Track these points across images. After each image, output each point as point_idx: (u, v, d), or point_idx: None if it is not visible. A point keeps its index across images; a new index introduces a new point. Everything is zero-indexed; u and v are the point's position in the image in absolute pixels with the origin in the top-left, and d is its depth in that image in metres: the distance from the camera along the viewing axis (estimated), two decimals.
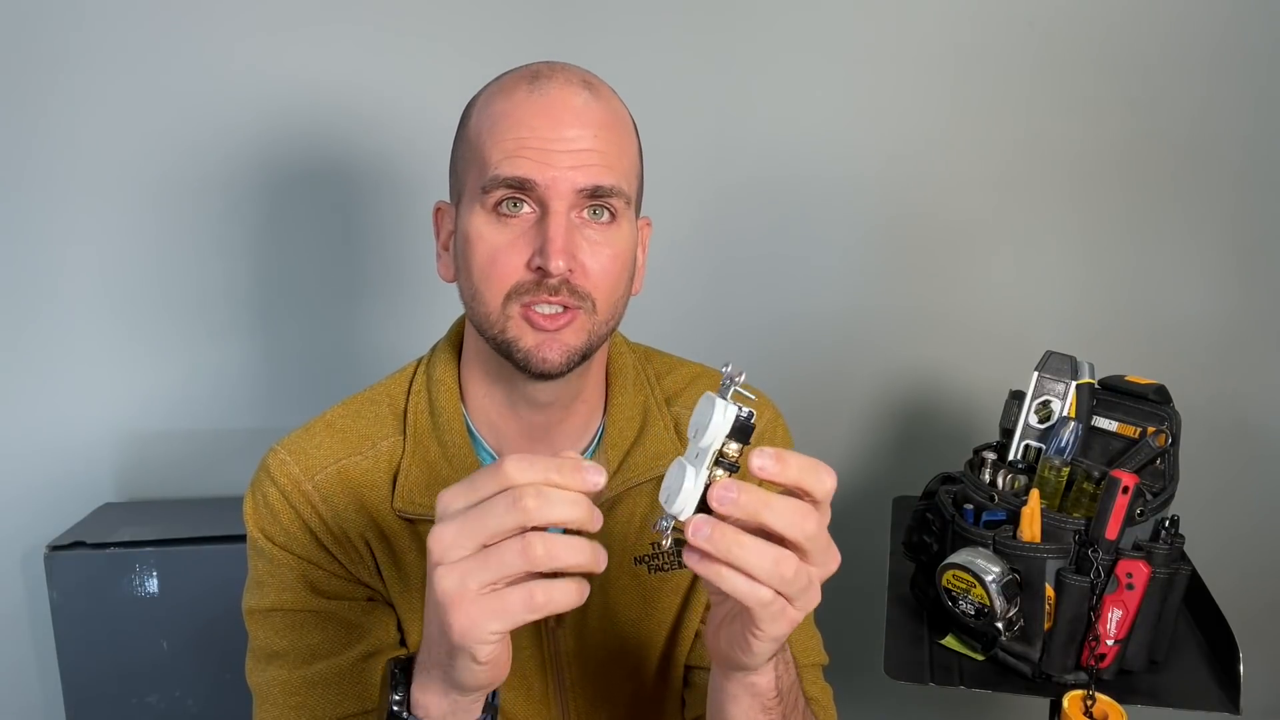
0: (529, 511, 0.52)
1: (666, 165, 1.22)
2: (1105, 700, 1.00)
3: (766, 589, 0.54)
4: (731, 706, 0.68)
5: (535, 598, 0.53)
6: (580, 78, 0.77)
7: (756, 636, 0.58)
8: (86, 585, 1.29)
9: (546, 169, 0.73)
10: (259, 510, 0.81)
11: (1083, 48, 1.50)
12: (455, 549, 0.53)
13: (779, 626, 0.57)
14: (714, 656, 0.66)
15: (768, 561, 0.53)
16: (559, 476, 0.53)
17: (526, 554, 0.52)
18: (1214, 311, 1.60)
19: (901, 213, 1.55)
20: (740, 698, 0.67)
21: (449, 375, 0.84)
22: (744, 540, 0.53)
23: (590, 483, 0.53)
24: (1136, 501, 1.01)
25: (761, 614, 0.56)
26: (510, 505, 0.52)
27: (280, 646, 0.79)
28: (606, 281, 0.76)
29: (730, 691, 0.67)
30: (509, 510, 0.52)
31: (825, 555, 0.56)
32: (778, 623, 0.56)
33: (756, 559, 0.53)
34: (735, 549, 0.53)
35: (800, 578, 0.54)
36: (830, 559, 0.57)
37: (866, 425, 1.62)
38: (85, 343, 1.43)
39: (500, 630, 0.54)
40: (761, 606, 0.55)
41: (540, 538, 0.52)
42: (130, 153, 1.39)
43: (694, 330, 1.50)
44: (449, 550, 0.53)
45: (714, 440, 0.54)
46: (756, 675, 0.65)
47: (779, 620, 0.56)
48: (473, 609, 0.53)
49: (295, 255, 1.45)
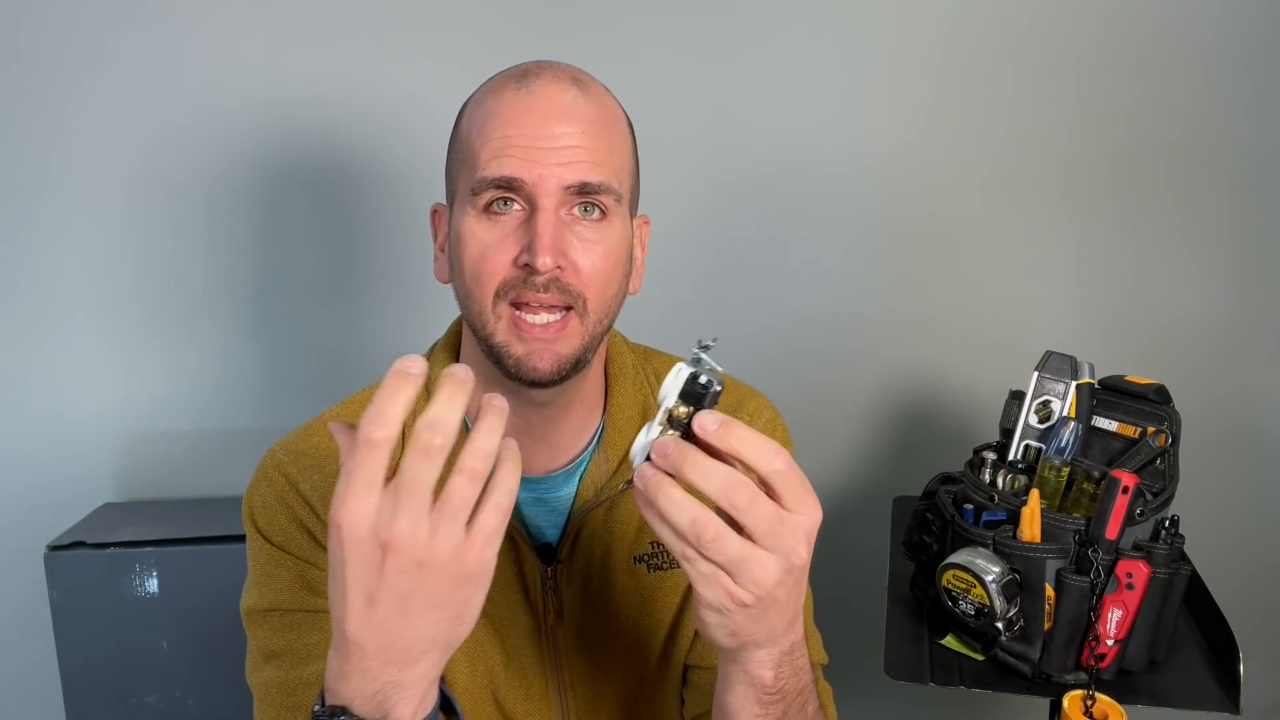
0: (432, 445, 0.51)
1: (665, 165, 1.22)
2: (1105, 700, 1.00)
3: (688, 546, 0.56)
4: (728, 694, 0.68)
5: (501, 502, 0.54)
6: (569, 75, 0.77)
7: (698, 601, 0.59)
8: (86, 585, 1.29)
9: (533, 166, 0.73)
10: (257, 511, 0.81)
11: (1083, 48, 1.50)
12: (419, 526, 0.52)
13: (713, 593, 0.58)
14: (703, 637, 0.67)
15: (685, 517, 0.55)
16: (398, 400, 0.52)
17: (470, 476, 0.52)
18: (1214, 311, 1.60)
19: (901, 213, 1.55)
20: (736, 686, 0.67)
21: None
22: (670, 491, 0.56)
23: (410, 374, 0.52)
24: (1136, 501, 1.01)
25: (690, 572, 0.58)
26: (420, 455, 0.51)
27: (278, 647, 0.79)
28: (598, 279, 0.76)
29: (726, 676, 0.68)
30: (421, 458, 0.51)
31: (778, 539, 0.57)
32: (710, 589, 0.58)
33: (675, 510, 0.56)
34: (660, 496, 0.56)
35: (726, 547, 0.56)
36: (786, 545, 0.57)
37: (866, 425, 1.62)
38: (85, 343, 1.43)
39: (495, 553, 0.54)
40: (687, 562, 0.57)
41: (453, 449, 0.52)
42: (129, 152, 1.39)
43: (693, 330, 1.49)
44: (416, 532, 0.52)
45: (665, 399, 0.58)
46: (755, 666, 0.65)
47: (711, 586, 0.58)
48: (470, 552, 0.53)
49: (295, 255, 1.45)
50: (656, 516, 0.57)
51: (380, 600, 0.53)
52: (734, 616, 0.59)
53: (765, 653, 0.65)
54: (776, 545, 0.57)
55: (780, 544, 0.57)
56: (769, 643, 0.64)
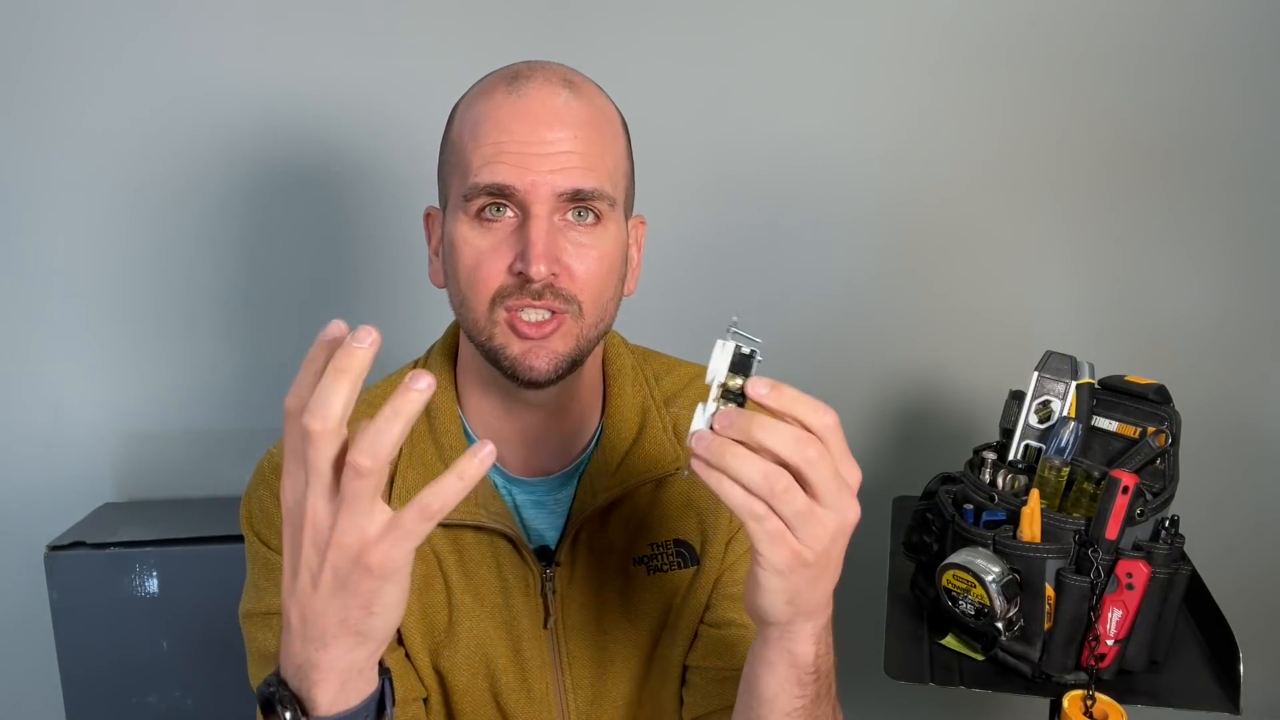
0: (311, 429, 0.51)
1: (662, 165, 1.22)
2: (1105, 700, 0.99)
3: (759, 502, 0.56)
4: (767, 674, 0.67)
5: (429, 505, 0.52)
6: (561, 76, 0.76)
7: (761, 565, 0.59)
8: (86, 585, 1.29)
9: (525, 173, 0.72)
10: (253, 514, 0.81)
11: (1082, 47, 1.50)
12: (321, 509, 0.53)
13: (779, 553, 0.58)
14: (751, 615, 0.65)
15: (757, 472, 0.56)
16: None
17: (355, 470, 0.50)
18: (1214, 311, 1.60)
19: (901, 212, 1.55)
20: (778, 665, 0.66)
21: (445, 378, 0.84)
22: (738, 450, 0.56)
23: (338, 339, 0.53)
24: (1136, 501, 1.01)
25: (758, 532, 0.57)
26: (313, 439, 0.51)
27: (277, 649, 0.79)
28: (593, 285, 0.75)
29: (768, 658, 0.67)
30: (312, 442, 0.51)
31: (836, 496, 0.57)
32: (776, 548, 0.57)
33: (747, 467, 0.56)
34: (728, 456, 0.56)
35: (795, 499, 0.56)
36: (843, 502, 0.58)
37: (866, 425, 1.62)
38: (85, 343, 1.43)
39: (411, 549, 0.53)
40: (755, 521, 0.57)
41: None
42: (128, 153, 1.39)
43: (692, 330, 1.49)
44: (319, 514, 0.53)
45: (716, 375, 0.60)
46: (799, 642, 0.65)
47: (777, 545, 0.57)
48: (377, 546, 0.52)
49: (295, 256, 1.45)
50: (723, 480, 0.57)
51: (300, 574, 0.55)
52: (795, 578, 0.59)
53: (811, 625, 0.65)
54: (835, 502, 0.58)
55: (838, 500, 0.58)
56: (818, 611, 0.64)
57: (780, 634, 0.65)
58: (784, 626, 0.64)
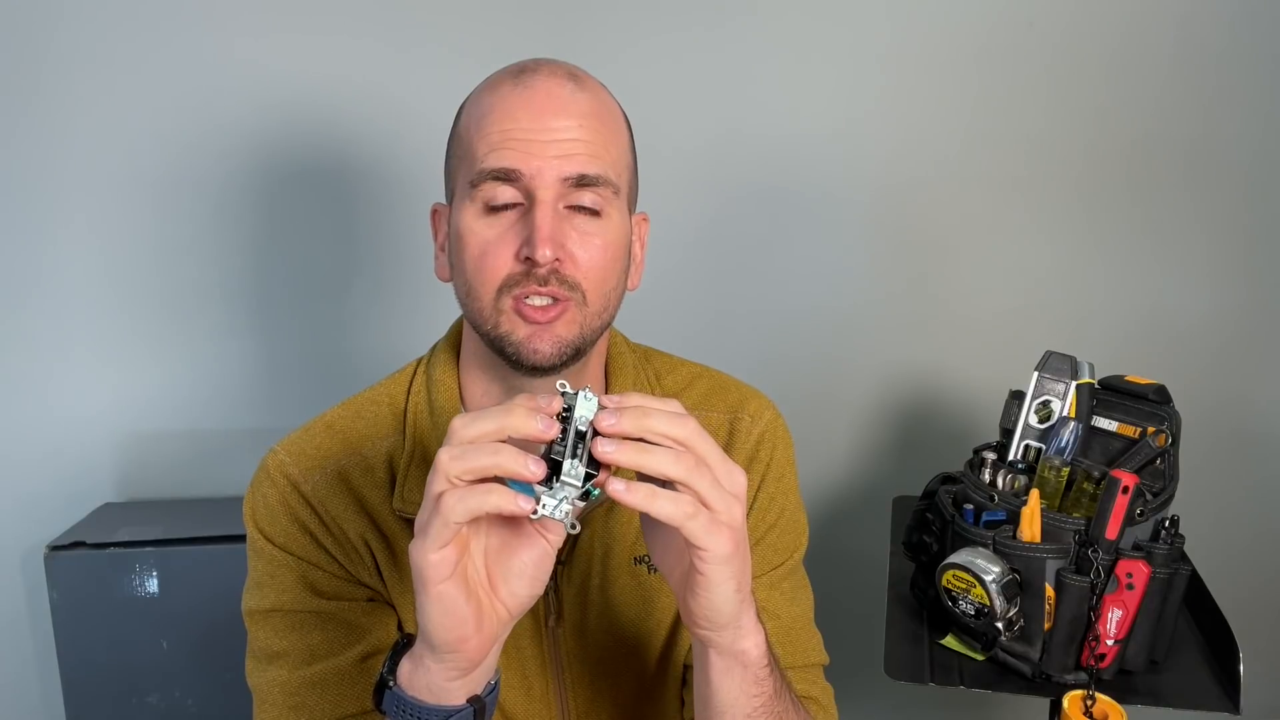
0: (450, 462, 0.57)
1: (665, 165, 1.22)
2: (1105, 700, 1.00)
3: (686, 499, 0.58)
4: (724, 681, 0.67)
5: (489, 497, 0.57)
6: (566, 70, 0.77)
7: (705, 561, 0.60)
8: (86, 585, 1.29)
9: (531, 159, 0.73)
10: (258, 511, 0.81)
11: (1082, 47, 1.50)
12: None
13: (719, 538, 0.59)
14: (692, 625, 0.66)
15: (669, 456, 0.57)
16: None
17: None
18: (1214, 311, 1.60)
19: (901, 212, 1.55)
20: (732, 670, 0.67)
21: (449, 375, 0.84)
22: (644, 446, 0.58)
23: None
24: (1136, 501, 1.01)
25: (695, 529, 0.58)
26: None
27: (280, 647, 0.79)
28: (596, 272, 0.76)
29: (722, 666, 0.67)
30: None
31: (725, 464, 0.60)
32: (715, 535, 0.59)
33: (659, 457, 0.57)
34: (643, 456, 0.57)
35: (704, 473, 0.58)
36: (731, 467, 0.61)
37: (866, 425, 1.62)
38: (85, 342, 1.43)
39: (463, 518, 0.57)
40: (690, 520, 0.58)
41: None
42: (129, 152, 1.39)
43: (693, 330, 1.50)
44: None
45: (577, 423, 0.59)
46: (746, 637, 0.66)
47: (715, 532, 0.59)
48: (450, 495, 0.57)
49: (295, 255, 1.45)
50: (653, 496, 0.58)
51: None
52: (737, 561, 0.61)
53: (752, 613, 0.66)
54: (727, 470, 0.61)
55: (728, 466, 0.61)
56: (751, 597, 0.66)
57: (732, 637, 0.66)
58: (734, 627, 0.65)
